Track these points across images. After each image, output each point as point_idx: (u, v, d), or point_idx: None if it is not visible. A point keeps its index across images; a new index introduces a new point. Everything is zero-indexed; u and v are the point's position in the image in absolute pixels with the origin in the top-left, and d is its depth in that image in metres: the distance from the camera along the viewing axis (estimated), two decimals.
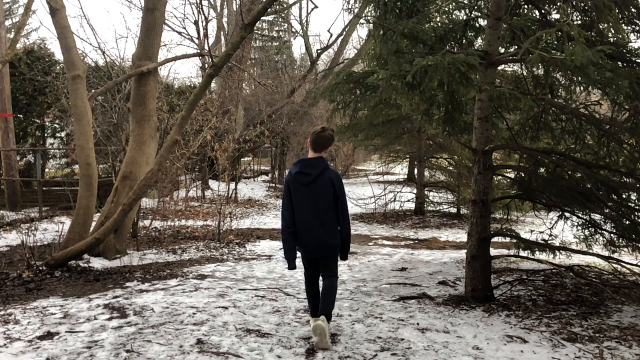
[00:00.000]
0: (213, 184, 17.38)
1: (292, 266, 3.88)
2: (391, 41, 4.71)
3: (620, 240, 5.55)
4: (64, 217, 10.76)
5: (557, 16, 4.92)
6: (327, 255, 3.90)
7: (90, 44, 34.42)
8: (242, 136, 15.79)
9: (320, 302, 3.88)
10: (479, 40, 5.57)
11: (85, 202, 6.98)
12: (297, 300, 4.96)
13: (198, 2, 18.41)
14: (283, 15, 23.53)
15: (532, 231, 6.65)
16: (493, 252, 5.29)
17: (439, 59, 4.05)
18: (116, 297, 5.03)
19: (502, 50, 5.16)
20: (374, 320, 4.36)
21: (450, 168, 12.95)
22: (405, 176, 19.13)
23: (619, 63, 4.57)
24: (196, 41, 17.68)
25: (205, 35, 16.09)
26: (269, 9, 10.09)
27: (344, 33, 18.84)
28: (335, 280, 3.98)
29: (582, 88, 5.08)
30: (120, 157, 10.35)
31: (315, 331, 3.68)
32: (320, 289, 4.00)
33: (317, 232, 3.80)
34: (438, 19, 5.25)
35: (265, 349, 3.64)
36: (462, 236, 10.04)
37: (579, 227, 5.86)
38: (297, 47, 53.05)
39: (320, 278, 4.03)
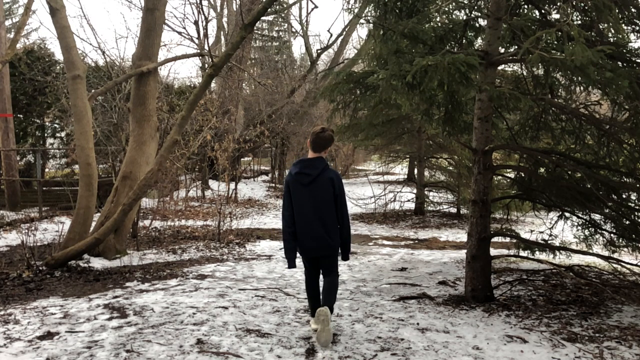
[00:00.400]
0: (213, 184, 17.38)
1: (292, 265, 3.91)
2: (391, 41, 4.71)
3: (620, 240, 5.55)
4: (64, 217, 10.77)
5: (557, 16, 4.92)
6: (328, 255, 3.93)
7: (90, 44, 34.41)
8: (242, 136, 15.80)
9: (323, 296, 3.93)
10: (479, 40, 5.57)
11: (85, 202, 6.98)
12: (297, 300, 4.96)
13: (198, 2, 18.41)
14: (283, 15, 23.52)
15: (532, 231, 6.65)
16: (493, 252, 5.29)
17: (439, 59, 4.05)
18: (116, 297, 5.03)
19: (502, 50, 5.16)
20: (374, 320, 4.36)
21: (450, 168, 12.95)
22: (405, 176, 19.13)
23: (619, 63, 4.56)
24: (196, 41, 17.69)
25: (205, 35, 16.09)
26: (269, 9, 10.08)
27: (344, 33, 18.84)
28: (336, 278, 4.03)
29: (582, 88, 5.08)
30: (120, 157, 10.35)
31: (319, 317, 3.71)
32: (321, 287, 4.03)
33: (318, 232, 3.83)
34: (438, 19, 5.26)
35: (265, 349, 3.64)
36: (462, 236, 10.04)
37: (579, 227, 5.86)
38: (297, 47, 53.09)
39: (321, 277, 4.06)
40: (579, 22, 4.90)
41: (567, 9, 4.42)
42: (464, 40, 5.38)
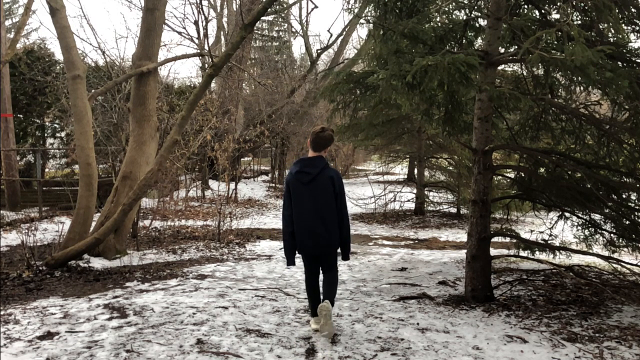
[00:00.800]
0: (213, 184, 17.38)
1: (291, 263, 3.99)
2: (391, 41, 4.71)
3: (620, 240, 5.55)
4: (64, 217, 10.76)
5: (557, 16, 4.92)
6: (327, 252, 3.99)
7: (90, 44, 34.36)
8: (242, 136, 15.79)
9: (323, 290, 3.97)
10: (479, 40, 5.57)
11: (85, 202, 6.98)
12: (297, 300, 4.96)
13: (198, 2, 18.41)
14: (283, 15, 23.52)
15: (532, 231, 6.64)
16: (493, 252, 5.29)
17: (439, 59, 4.05)
18: (116, 297, 5.03)
19: (502, 50, 5.16)
20: (374, 320, 4.36)
21: (450, 168, 12.95)
22: (405, 176, 19.13)
23: (619, 63, 4.57)
24: (196, 41, 17.69)
25: (205, 35, 16.08)
26: (269, 9, 10.08)
27: (344, 33, 18.84)
28: (336, 273, 4.08)
29: (582, 88, 5.08)
30: (120, 157, 10.35)
31: (321, 312, 3.78)
32: (321, 287, 4.06)
33: (318, 230, 3.86)
34: (438, 19, 5.26)
35: (265, 349, 3.64)
36: (462, 236, 10.04)
37: (579, 227, 5.86)
38: (297, 47, 53.05)
39: (321, 277, 4.09)
40: (579, 22, 4.90)
41: (567, 9, 4.42)
42: (464, 40, 5.38)
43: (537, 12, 5.24)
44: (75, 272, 6.30)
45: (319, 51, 19.13)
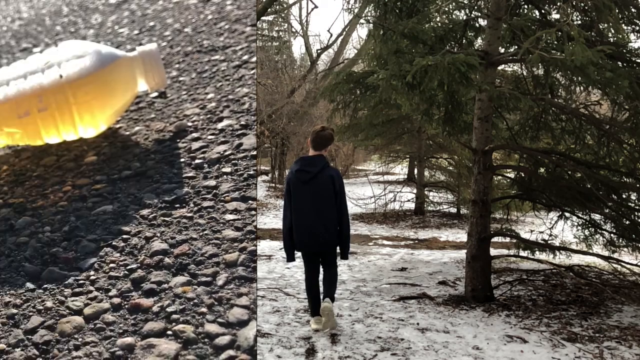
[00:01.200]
0: None
1: (290, 259, 4.03)
2: (391, 41, 4.71)
3: (620, 240, 5.55)
4: None
5: (557, 16, 4.92)
6: (327, 251, 4.02)
7: None
8: None
9: (324, 287, 4.00)
10: (479, 40, 5.57)
11: None
12: (297, 300, 4.96)
13: None
14: (283, 15, 23.52)
15: (532, 231, 6.64)
16: (493, 252, 5.29)
17: (439, 59, 4.05)
18: None
19: (502, 50, 5.16)
20: (374, 320, 4.36)
21: (450, 168, 12.95)
22: (405, 176, 19.13)
23: (619, 63, 4.57)
24: None
25: None
26: (269, 9, 10.09)
27: (344, 33, 18.85)
28: (336, 270, 4.12)
29: (582, 88, 5.09)
30: None
31: (323, 312, 3.85)
32: (321, 283, 4.09)
33: (317, 229, 3.87)
34: (438, 19, 5.26)
35: (265, 349, 3.63)
36: (462, 236, 10.04)
37: (579, 227, 5.86)
38: (297, 47, 53.06)
39: (321, 277, 4.11)
40: (579, 22, 4.90)
41: (567, 9, 4.42)
42: (464, 40, 5.38)
43: (537, 12, 5.24)
44: None
45: (319, 51, 19.13)
